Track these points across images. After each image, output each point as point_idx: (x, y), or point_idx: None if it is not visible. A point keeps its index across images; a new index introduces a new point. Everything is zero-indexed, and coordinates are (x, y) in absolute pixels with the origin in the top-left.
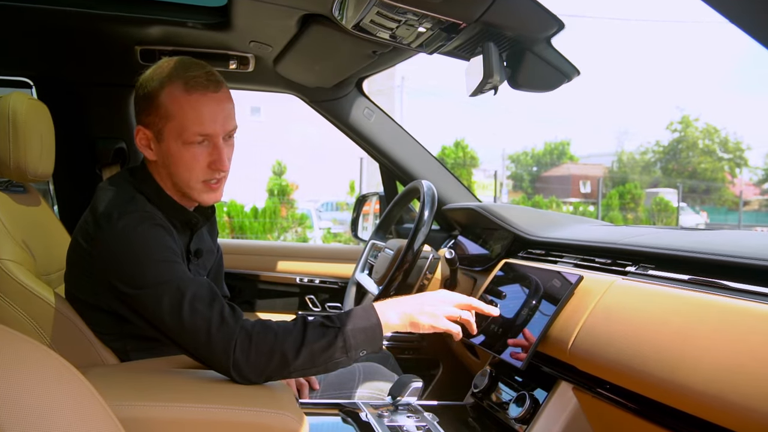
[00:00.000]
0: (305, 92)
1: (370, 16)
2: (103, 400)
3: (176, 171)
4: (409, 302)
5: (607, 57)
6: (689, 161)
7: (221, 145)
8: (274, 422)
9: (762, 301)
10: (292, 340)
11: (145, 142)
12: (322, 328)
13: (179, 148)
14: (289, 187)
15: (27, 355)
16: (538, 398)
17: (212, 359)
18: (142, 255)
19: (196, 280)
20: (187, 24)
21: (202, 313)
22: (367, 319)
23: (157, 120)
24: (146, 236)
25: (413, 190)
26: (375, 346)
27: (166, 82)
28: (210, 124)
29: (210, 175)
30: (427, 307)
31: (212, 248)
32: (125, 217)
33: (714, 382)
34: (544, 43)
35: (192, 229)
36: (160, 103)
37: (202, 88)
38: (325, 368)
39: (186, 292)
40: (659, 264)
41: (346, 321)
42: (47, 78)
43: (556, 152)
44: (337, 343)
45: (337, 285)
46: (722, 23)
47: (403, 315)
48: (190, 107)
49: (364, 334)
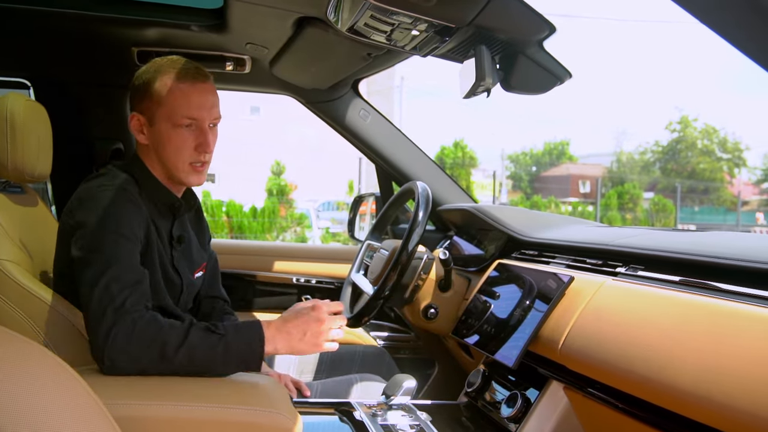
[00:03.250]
0: (301, 93)
1: (364, 20)
2: (99, 399)
3: (165, 152)
4: (293, 332)
5: (606, 57)
6: (688, 161)
7: (207, 130)
8: (269, 421)
9: (750, 303)
10: (174, 336)
11: (138, 126)
12: (207, 332)
13: (169, 130)
14: (288, 186)
15: (24, 354)
16: (530, 397)
17: (95, 339)
18: (99, 223)
19: (129, 264)
20: (184, 26)
21: (111, 293)
22: (251, 335)
23: (150, 105)
24: (113, 207)
25: (408, 191)
26: (252, 363)
27: (160, 73)
28: (197, 109)
29: (196, 158)
30: (309, 336)
31: (199, 245)
32: (104, 190)
33: (701, 382)
34: (536, 46)
35: (174, 213)
36: (154, 90)
37: (191, 78)
38: (203, 372)
39: (109, 270)
40: (649, 265)
41: (231, 332)
42: (44, 79)
43: (555, 152)
44: (217, 350)
45: (333, 285)
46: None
47: (287, 345)
48: (181, 93)
49: (246, 348)
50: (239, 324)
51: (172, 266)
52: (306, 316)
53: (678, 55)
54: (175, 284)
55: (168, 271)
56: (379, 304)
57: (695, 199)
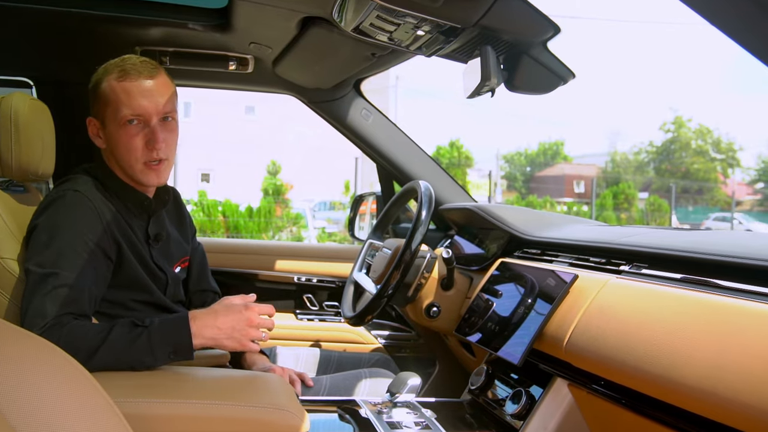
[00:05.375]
0: (304, 93)
1: (369, 20)
2: (109, 397)
3: (118, 153)
4: (223, 327)
5: (601, 58)
6: (682, 161)
7: (155, 125)
8: (277, 419)
9: (752, 299)
10: (96, 339)
11: (94, 131)
12: (131, 326)
13: (117, 130)
14: (283, 186)
15: (33, 352)
16: (534, 395)
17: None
18: (50, 233)
19: (68, 276)
20: (188, 25)
21: (43, 310)
22: (177, 324)
23: (100, 108)
24: (65, 217)
25: (411, 190)
26: (182, 353)
27: (104, 74)
28: (140, 104)
29: (148, 156)
30: (237, 334)
31: (181, 239)
32: (62, 197)
33: (705, 377)
34: (541, 46)
35: (147, 212)
36: (101, 91)
37: (135, 74)
38: (133, 364)
39: (45, 285)
40: (652, 263)
41: (156, 324)
42: (48, 78)
43: (550, 152)
44: (140, 342)
45: (335, 284)
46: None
47: (213, 340)
48: (122, 90)
49: (173, 338)
50: (168, 316)
51: (154, 263)
52: (238, 315)
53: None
54: (160, 278)
55: (150, 266)
56: (382, 302)
57: (689, 199)
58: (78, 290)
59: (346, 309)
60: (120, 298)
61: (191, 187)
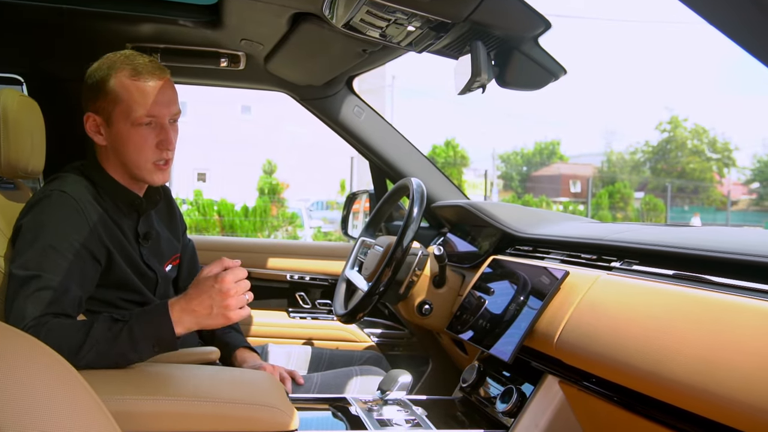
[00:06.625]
0: (296, 90)
1: (359, 15)
2: (95, 394)
3: (126, 152)
4: (199, 309)
5: (597, 57)
6: (678, 161)
7: (168, 127)
8: (265, 416)
9: (743, 295)
10: (77, 337)
11: (94, 127)
12: (111, 322)
13: (128, 130)
14: (279, 185)
15: (21, 349)
16: (525, 392)
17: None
18: (34, 234)
19: (51, 278)
20: (178, 22)
21: (25, 312)
22: (157, 315)
23: (106, 105)
24: (51, 218)
25: (402, 187)
26: (166, 344)
27: (114, 70)
28: (156, 105)
29: (158, 156)
30: (216, 310)
31: (171, 237)
32: (48, 197)
33: (696, 373)
34: (532, 42)
35: (138, 211)
36: (110, 88)
37: (148, 74)
38: (118, 361)
39: (28, 286)
40: (643, 259)
41: (136, 317)
42: (38, 75)
43: (546, 152)
44: (122, 337)
45: (327, 282)
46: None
47: (195, 323)
48: (137, 90)
49: (155, 330)
50: (146, 308)
51: (144, 262)
52: (210, 290)
53: (668, 56)
54: (149, 278)
55: (140, 266)
56: (373, 300)
57: (685, 199)
58: (61, 292)
59: (337, 306)
60: (109, 297)
61: (188, 186)
